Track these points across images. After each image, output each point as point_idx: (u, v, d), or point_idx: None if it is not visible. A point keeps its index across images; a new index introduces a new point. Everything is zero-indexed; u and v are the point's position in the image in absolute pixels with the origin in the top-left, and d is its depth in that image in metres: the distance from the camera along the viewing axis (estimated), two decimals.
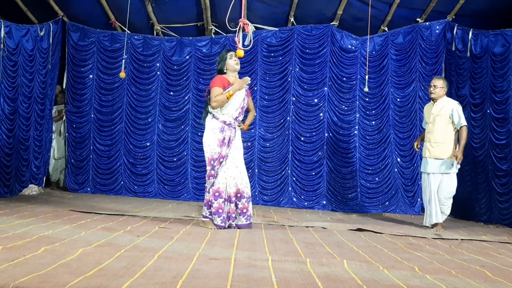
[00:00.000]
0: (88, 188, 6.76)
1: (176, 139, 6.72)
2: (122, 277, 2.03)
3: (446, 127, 4.57)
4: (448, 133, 4.56)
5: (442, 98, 4.67)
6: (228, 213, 3.90)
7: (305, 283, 2.12)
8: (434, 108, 4.67)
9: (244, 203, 3.92)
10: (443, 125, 4.58)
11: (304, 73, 6.51)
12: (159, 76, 6.80)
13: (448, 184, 4.56)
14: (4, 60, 5.60)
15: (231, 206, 3.90)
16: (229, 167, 3.90)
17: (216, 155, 3.84)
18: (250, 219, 3.95)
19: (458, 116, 4.51)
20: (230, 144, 3.91)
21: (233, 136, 3.95)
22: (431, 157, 4.61)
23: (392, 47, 6.45)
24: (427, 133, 4.72)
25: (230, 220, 3.90)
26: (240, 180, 3.93)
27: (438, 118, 4.61)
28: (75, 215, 4.27)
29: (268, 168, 6.53)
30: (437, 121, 4.61)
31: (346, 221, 5.06)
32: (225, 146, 3.87)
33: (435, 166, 4.59)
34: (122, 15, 6.50)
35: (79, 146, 6.83)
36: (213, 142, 3.85)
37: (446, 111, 4.58)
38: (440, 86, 4.64)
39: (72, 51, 6.81)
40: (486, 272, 2.63)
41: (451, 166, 4.53)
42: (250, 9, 6.28)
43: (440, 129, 4.59)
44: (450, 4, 6.04)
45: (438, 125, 4.60)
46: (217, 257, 2.61)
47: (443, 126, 4.58)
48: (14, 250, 2.48)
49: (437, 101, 4.67)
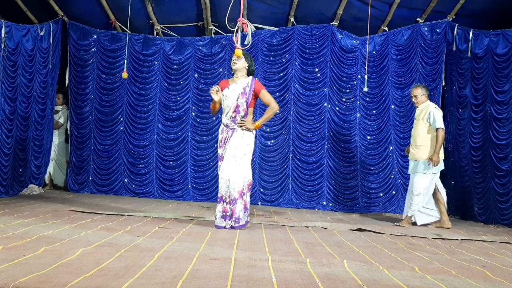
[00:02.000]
0: (88, 188, 6.77)
1: (175, 139, 6.72)
2: (122, 277, 2.03)
3: (425, 130, 4.78)
4: (427, 136, 4.77)
5: (424, 103, 4.88)
6: (224, 213, 3.92)
7: (305, 283, 2.12)
8: (416, 113, 4.94)
9: (231, 206, 3.91)
10: (423, 128, 4.79)
11: (305, 73, 6.51)
12: (159, 75, 6.80)
13: (415, 182, 4.77)
14: (4, 60, 5.61)
15: (225, 206, 3.93)
16: (224, 168, 3.93)
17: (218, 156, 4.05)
18: (238, 221, 3.87)
19: (434, 119, 4.71)
20: (225, 145, 3.97)
21: (229, 137, 3.97)
22: (412, 159, 4.87)
23: (393, 47, 6.45)
24: (411, 136, 4.98)
25: (226, 220, 3.92)
26: (230, 182, 3.93)
27: (419, 122, 4.84)
28: (75, 215, 4.27)
29: (269, 167, 6.52)
30: (419, 125, 4.84)
31: (346, 221, 5.06)
32: (222, 147, 3.99)
33: (412, 166, 4.87)
34: (122, 15, 6.50)
35: (80, 146, 6.83)
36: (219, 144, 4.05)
37: (425, 115, 4.79)
38: (420, 94, 4.87)
39: (73, 50, 6.82)
40: (486, 272, 2.63)
41: (423, 167, 4.74)
42: (250, 9, 6.29)
43: (420, 132, 4.81)
44: (450, 4, 6.04)
45: (419, 128, 4.82)
46: (217, 257, 2.60)
47: (423, 130, 4.79)
48: (14, 250, 2.48)
49: (419, 107, 4.91)
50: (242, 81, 4.04)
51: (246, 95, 4.01)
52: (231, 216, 3.89)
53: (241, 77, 4.07)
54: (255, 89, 4.04)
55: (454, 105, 6.19)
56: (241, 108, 4.00)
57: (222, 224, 3.89)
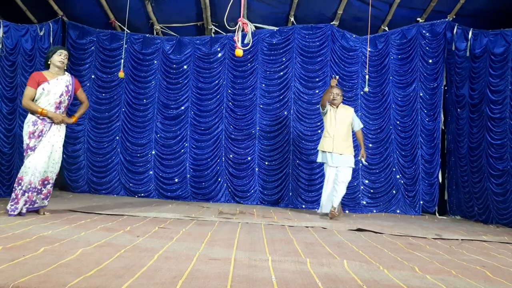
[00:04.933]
0: (84, 187, 6.76)
1: (174, 137, 6.72)
2: (122, 277, 2.02)
3: (348, 128, 5.26)
4: (349, 134, 5.26)
5: (341, 105, 5.30)
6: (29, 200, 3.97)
7: (305, 283, 2.12)
8: (338, 112, 5.24)
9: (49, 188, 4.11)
10: (347, 126, 5.23)
11: (305, 72, 6.51)
12: (158, 74, 6.80)
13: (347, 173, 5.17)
14: (2, 60, 5.60)
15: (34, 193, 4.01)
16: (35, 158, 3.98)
17: (25, 146, 3.99)
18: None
19: (358, 121, 5.33)
20: (40, 136, 4.01)
21: (45, 130, 4.03)
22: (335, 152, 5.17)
23: (393, 47, 6.46)
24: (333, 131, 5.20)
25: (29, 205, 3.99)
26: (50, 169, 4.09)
27: (344, 121, 5.21)
28: (75, 215, 4.27)
29: (269, 167, 6.52)
30: (344, 123, 5.21)
31: (346, 221, 5.06)
32: (34, 138, 3.99)
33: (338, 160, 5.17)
34: (121, 15, 6.50)
35: (72, 142, 6.79)
36: (25, 134, 4.00)
37: (348, 116, 5.24)
38: (340, 95, 5.28)
39: (71, 50, 6.81)
40: (486, 272, 2.63)
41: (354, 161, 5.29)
42: (250, 9, 6.29)
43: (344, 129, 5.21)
44: (450, 4, 6.04)
45: (343, 126, 5.20)
46: (217, 257, 2.60)
47: (346, 127, 5.23)
48: (14, 250, 2.47)
49: (338, 107, 5.26)
50: (63, 77, 4.14)
51: (69, 92, 4.15)
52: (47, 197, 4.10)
53: (61, 73, 4.15)
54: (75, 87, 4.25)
55: (454, 104, 6.19)
56: (64, 105, 4.13)
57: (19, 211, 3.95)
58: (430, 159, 6.36)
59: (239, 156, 6.58)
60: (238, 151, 6.58)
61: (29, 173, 3.93)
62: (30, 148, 3.97)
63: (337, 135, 5.20)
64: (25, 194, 3.94)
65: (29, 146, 3.96)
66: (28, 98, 3.97)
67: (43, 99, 4.01)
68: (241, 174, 6.56)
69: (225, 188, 6.61)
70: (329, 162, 5.20)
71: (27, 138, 3.96)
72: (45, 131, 4.02)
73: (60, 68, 4.13)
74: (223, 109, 6.66)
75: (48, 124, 4.04)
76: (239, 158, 6.58)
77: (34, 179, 3.96)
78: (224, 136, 6.62)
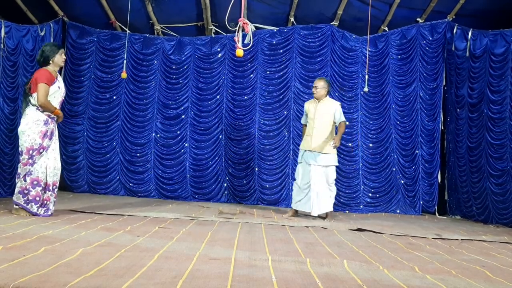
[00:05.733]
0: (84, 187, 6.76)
1: (174, 137, 6.72)
2: (122, 277, 2.02)
3: (330, 124, 4.98)
4: (332, 131, 5.00)
5: (325, 98, 5.03)
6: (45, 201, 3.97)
7: (305, 283, 2.12)
8: (319, 107, 4.99)
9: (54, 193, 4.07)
10: (327, 122, 4.96)
11: (305, 71, 6.51)
12: (158, 74, 6.80)
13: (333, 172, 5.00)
14: (3, 60, 5.61)
15: (48, 194, 3.99)
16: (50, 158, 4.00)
17: (37, 146, 3.91)
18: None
19: (340, 114, 5.00)
20: (52, 136, 4.03)
21: (54, 129, 4.06)
22: (314, 151, 4.93)
23: (393, 47, 6.46)
24: (311, 128, 4.99)
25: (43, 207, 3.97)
26: (58, 171, 4.09)
27: (324, 116, 4.96)
28: (75, 215, 4.27)
29: (269, 166, 6.52)
30: (324, 118, 4.95)
31: (346, 221, 5.06)
32: (47, 138, 3.98)
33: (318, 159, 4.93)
34: (122, 15, 6.50)
35: (72, 142, 6.79)
36: (35, 134, 3.91)
37: (330, 111, 4.96)
38: (321, 86, 4.98)
39: (71, 50, 6.82)
40: (486, 272, 2.63)
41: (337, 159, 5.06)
42: (250, 9, 6.29)
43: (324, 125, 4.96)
44: (450, 4, 6.05)
45: (323, 122, 4.95)
46: (217, 257, 2.60)
47: (327, 123, 4.97)
48: (14, 250, 2.47)
49: (321, 100, 5.01)
50: (59, 76, 4.17)
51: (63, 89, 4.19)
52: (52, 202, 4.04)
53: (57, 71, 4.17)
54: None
55: (453, 105, 6.20)
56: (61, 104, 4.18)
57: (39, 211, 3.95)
58: (430, 159, 6.37)
59: (239, 156, 6.58)
60: (238, 151, 6.58)
61: (46, 173, 3.95)
62: (43, 148, 3.94)
63: (316, 132, 4.94)
64: (47, 193, 3.97)
65: (43, 146, 3.93)
66: (47, 96, 3.91)
67: (52, 98, 4.00)
68: (241, 174, 6.56)
69: (225, 188, 6.61)
70: (311, 161, 4.94)
71: (39, 138, 3.91)
72: (54, 130, 4.06)
73: (59, 68, 4.15)
74: (223, 109, 6.67)
75: (54, 124, 4.07)
76: (239, 158, 6.58)
77: (49, 180, 3.98)
78: (224, 136, 6.62)
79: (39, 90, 3.87)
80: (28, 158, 3.89)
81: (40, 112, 3.94)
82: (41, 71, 3.96)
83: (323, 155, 4.94)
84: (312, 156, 4.97)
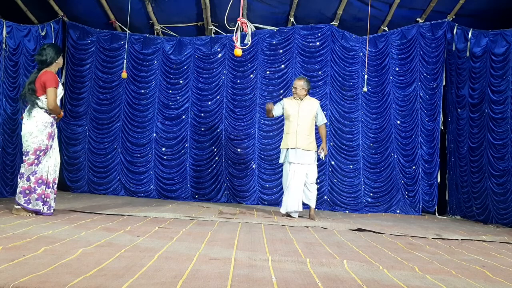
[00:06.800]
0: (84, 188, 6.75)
1: (175, 137, 6.72)
2: (122, 277, 2.02)
3: (312, 121, 5.01)
4: (312, 129, 5.02)
5: (306, 97, 5.03)
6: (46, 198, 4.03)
7: (305, 283, 2.12)
8: (302, 106, 4.98)
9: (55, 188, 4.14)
10: (310, 120, 4.98)
11: (305, 71, 6.51)
12: (158, 74, 6.80)
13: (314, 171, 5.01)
14: (5, 60, 5.61)
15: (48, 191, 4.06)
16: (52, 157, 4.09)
17: (44, 147, 3.99)
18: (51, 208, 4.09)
19: (322, 115, 5.09)
20: (54, 136, 4.12)
21: (56, 128, 4.14)
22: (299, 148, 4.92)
23: (393, 47, 6.46)
24: (295, 126, 4.96)
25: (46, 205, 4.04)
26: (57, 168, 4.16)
27: (307, 114, 4.96)
28: (75, 215, 4.27)
29: (269, 166, 6.52)
30: (307, 117, 4.96)
31: (346, 221, 5.06)
32: (51, 139, 4.07)
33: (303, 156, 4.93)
34: (122, 15, 6.50)
35: (73, 143, 6.80)
36: (43, 135, 3.99)
37: (313, 109, 4.99)
38: (301, 87, 4.96)
39: (72, 50, 6.82)
40: (486, 272, 2.63)
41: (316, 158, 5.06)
42: (250, 9, 6.29)
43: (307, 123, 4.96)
44: (450, 4, 6.04)
45: (306, 120, 4.96)
46: (217, 257, 2.60)
47: (310, 121, 4.99)
48: (14, 250, 2.47)
49: (302, 100, 5.01)
50: None
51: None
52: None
53: None
54: None
55: (454, 105, 6.20)
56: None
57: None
58: (430, 159, 6.37)
59: (239, 156, 6.58)
60: (238, 151, 6.58)
61: (48, 171, 4.03)
62: (48, 148, 4.03)
63: (300, 130, 4.93)
64: (47, 190, 4.03)
65: (48, 147, 4.03)
66: (56, 99, 3.99)
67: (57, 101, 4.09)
68: (241, 174, 6.56)
69: (225, 188, 6.61)
70: (293, 159, 4.91)
71: (46, 139, 3.99)
72: (55, 130, 4.13)
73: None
74: (223, 109, 6.67)
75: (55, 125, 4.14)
76: (239, 158, 6.58)
77: (50, 177, 4.06)
78: (224, 136, 6.62)
79: (50, 95, 3.92)
80: (35, 158, 3.96)
81: (48, 115, 4.01)
82: (49, 74, 3.98)
83: (307, 153, 4.93)
84: (296, 154, 4.93)
